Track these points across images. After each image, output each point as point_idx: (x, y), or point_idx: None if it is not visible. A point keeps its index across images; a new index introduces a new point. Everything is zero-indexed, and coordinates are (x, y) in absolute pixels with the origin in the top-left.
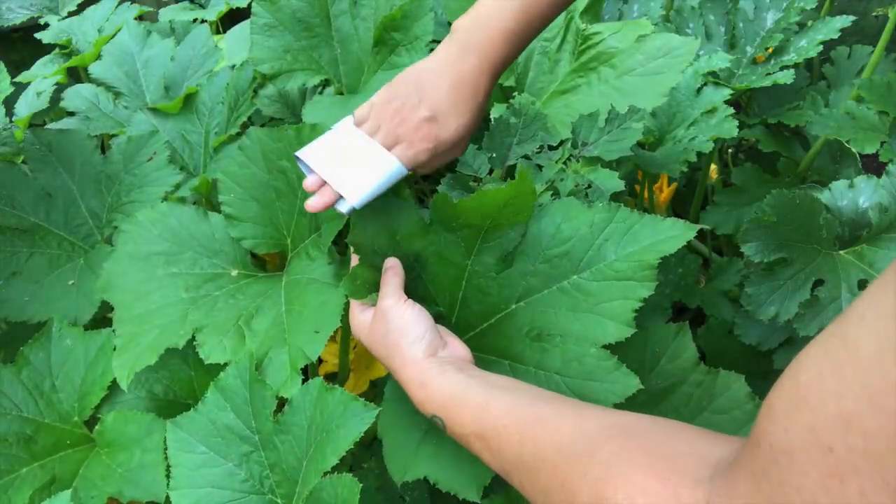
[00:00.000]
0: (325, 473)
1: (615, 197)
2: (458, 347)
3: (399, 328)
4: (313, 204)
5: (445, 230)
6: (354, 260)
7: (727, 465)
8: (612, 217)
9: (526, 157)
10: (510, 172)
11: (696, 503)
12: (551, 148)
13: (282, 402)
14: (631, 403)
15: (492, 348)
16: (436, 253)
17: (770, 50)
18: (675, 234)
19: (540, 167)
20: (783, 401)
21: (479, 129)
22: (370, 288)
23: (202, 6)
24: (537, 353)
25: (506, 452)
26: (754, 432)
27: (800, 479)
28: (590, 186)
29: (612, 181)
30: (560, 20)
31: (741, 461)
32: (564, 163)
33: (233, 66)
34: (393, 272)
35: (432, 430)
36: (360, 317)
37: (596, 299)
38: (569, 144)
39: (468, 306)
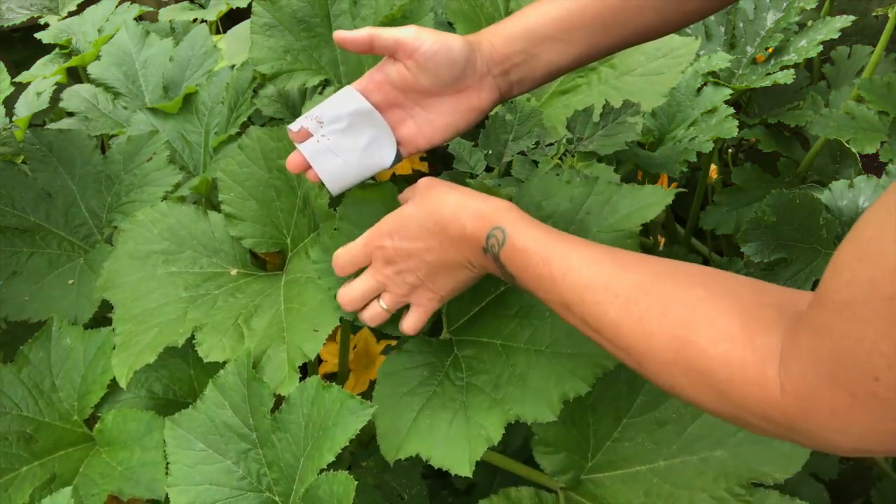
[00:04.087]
0: (322, 471)
1: None
2: None
3: (432, 181)
4: (292, 165)
5: None
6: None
7: (797, 319)
8: (591, 190)
9: (522, 153)
10: (507, 168)
11: (770, 351)
12: (548, 144)
13: (279, 400)
14: (630, 404)
15: (483, 331)
16: None
17: (770, 50)
18: (653, 199)
19: (536, 163)
20: (846, 256)
21: (475, 127)
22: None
23: (202, 6)
24: (527, 330)
25: (571, 281)
26: (819, 290)
27: (861, 329)
28: None
29: (608, 176)
30: None
31: (805, 318)
32: (560, 158)
33: (233, 66)
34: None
35: (425, 410)
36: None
37: None
38: (564, 139)
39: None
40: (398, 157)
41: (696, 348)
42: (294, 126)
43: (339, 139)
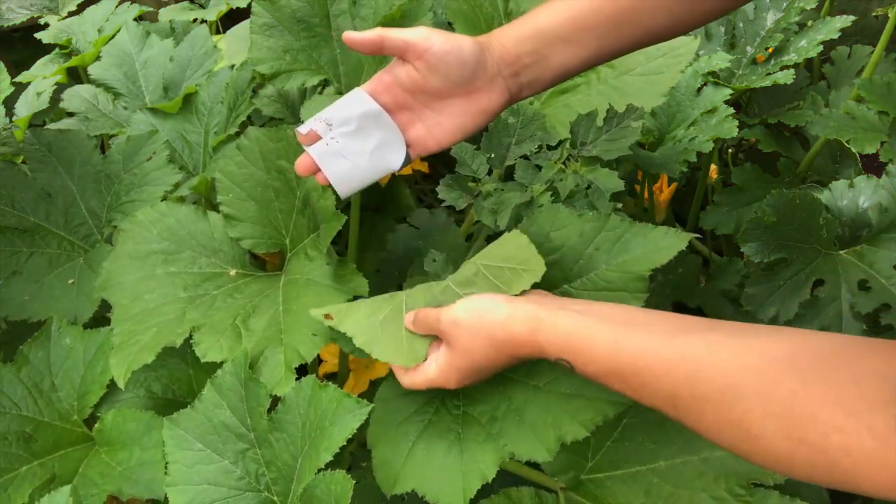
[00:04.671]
0: (319, 470)
1: (615, 196)
2: (529, 292)
3: (474, 320)
4: (301, 168)
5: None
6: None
7: None
8: (603, 225)
9: (524, 157)
10: (509, 172)
11: (889, 429)
12: (550, 148)
13: (276, 400)
14: (632, 404)
15: None
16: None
17: (770, 50)
18: (666, 244)
19: (538, 167)
20: None
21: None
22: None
23: (202, 6)
24: (525, 365)
25: (654, 390)
26: None
27: None
28: (589, 187)
29: (612, 181)
30: None
31: None
32: (564, 163)
33: (232, 66)
34: (423, 312)
35: (421, 440)
36: (433, 368)
37: None
38: (567, 144)
39: None
40: (407, 160)
41: (810, 446)
42: (303, 129)
43: (348, 142)
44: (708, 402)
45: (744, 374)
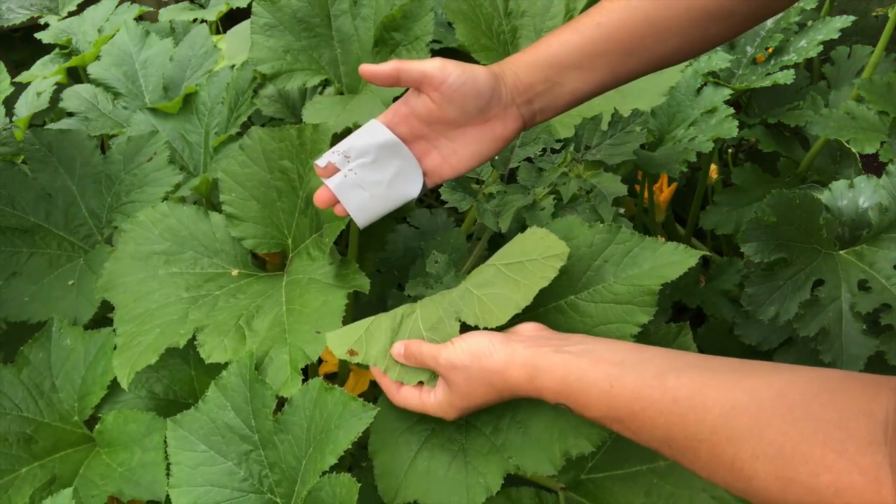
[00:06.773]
0: (324, 473)
1: (616, 199)
2: (525, 328)
3: (473, 365)
4: (320, 200)
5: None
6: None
7: None
8: (612, 238)
9: (528, 159)
10: (512, 175)
11: (878, 467)
12: (553, 151)
13: (281, 402)
14: None
15: None
16: None
17: (770, 50)
18: (675, 259)
19: (542, 170)
20: None
21: None
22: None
23: (202, 6)
24: None
25: (650, 432)
26: None
27: None
28: (592, 190)
29: (615, 185)
30: (561, 19)
31: None
32: (567, 166)
33: (233, 66)
34: (416, 345)
35: (423, 450)
36: (431, 397)
37: (593, 321)
38: (571, 147)
39: None
40: (424, 188)
41: (801, 486)
42: (321, 162)
43: (366, 173)
44: (701, 442)
45: (734, 415)
